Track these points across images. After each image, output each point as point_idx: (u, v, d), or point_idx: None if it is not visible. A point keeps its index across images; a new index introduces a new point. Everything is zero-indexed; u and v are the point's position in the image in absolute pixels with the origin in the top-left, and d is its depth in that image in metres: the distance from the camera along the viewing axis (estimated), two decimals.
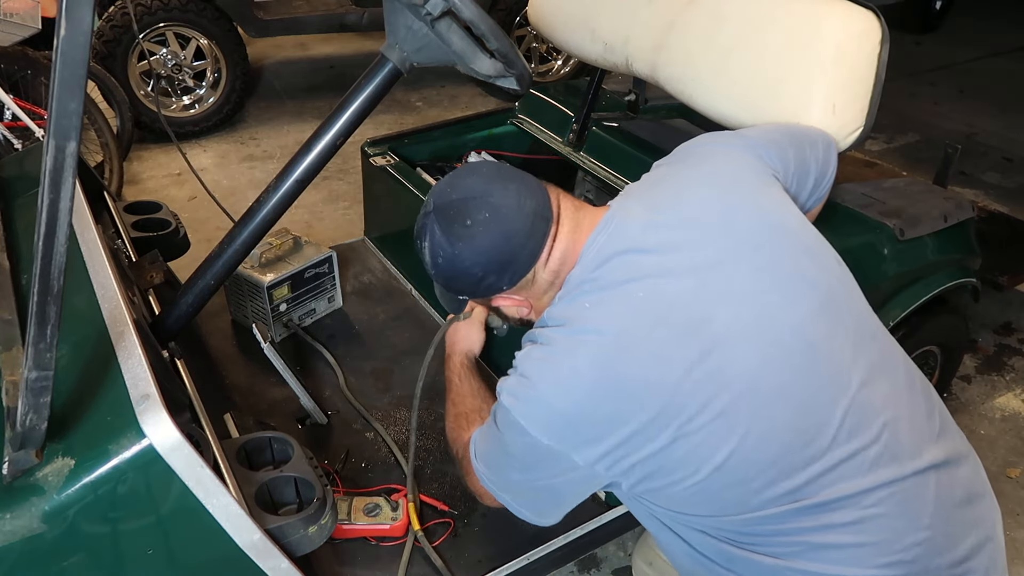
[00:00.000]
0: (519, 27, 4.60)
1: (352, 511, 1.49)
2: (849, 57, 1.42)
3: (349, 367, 1.94)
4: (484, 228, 1.08)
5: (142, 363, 1.04)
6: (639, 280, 1.04)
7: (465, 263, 1.10)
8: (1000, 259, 2.42)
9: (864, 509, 1.00)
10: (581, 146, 2.22)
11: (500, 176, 1.13)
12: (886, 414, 1.03)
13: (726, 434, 0.98)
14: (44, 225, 0.84)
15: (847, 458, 1.00)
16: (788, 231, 1.12)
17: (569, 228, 1.12)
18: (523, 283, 1.13)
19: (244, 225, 1.40)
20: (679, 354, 0.99)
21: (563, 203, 1.14)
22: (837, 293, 1.10)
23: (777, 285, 1.05)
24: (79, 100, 0.81)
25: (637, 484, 1.05)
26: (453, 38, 1.26)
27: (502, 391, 1.09)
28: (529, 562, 1.49)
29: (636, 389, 1.00)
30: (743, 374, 0.99)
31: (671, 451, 1.00)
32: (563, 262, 1.11)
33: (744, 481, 1.00)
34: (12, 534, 0.95)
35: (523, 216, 1.09)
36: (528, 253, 1.09)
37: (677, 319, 1.01)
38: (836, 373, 1.03)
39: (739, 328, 1.01)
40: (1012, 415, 2.53)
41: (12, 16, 3.04)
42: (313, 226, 3.41)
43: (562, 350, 1.05)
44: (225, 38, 4.00)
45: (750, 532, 1.04)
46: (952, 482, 1.07)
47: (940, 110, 4.85)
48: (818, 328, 1.04)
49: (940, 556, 1.03)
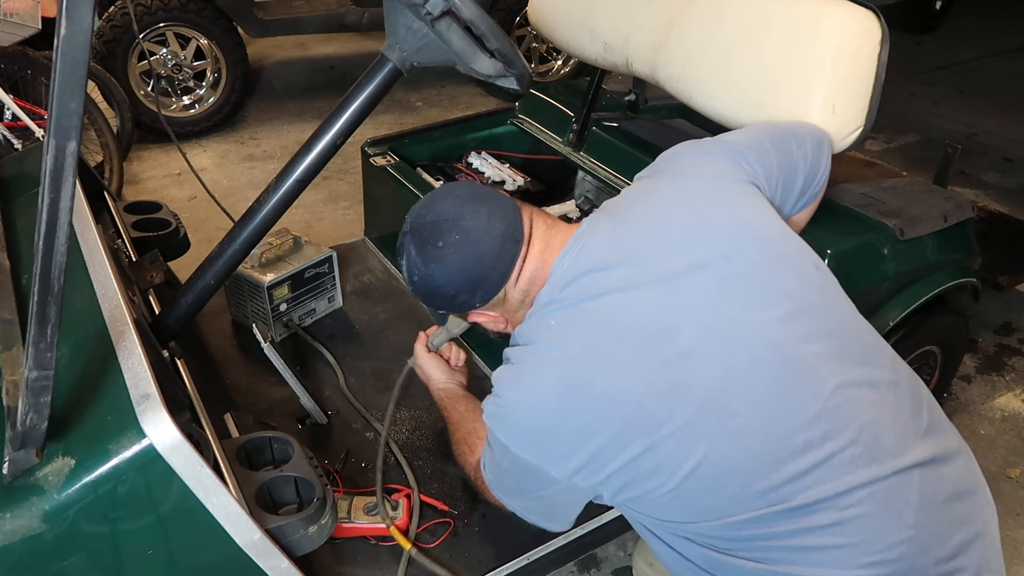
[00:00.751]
0: (519, 27, 4.60)
1: (352, 510, 1.49)
2: (849, 57, 1.42)
3: (349, 367, 1.94)
4: (455, 250, 1.12)
5: (142, 363, 1.04)
6: (603, 296, 1.06)
7: (438, 282, 1.14)
8: (1000, 259, 2.43)
9: (842, 511, 1.00)
10: (581, 146, 2.22)
11: (473, 198, 1.16)
12: (864, 416, 1.03)
13: (694, 442, 1.00)
14: (44, 224, 0.84)
15: (822, 461, 1.00)
16: (763, 240, 1.12)
17: (539, 248, 1.15)
18: (495, 301, 1.17)
19: (244, 225, 1.40)
20: (643, 366, 1.01)
21: (536, 223, 1.17)
22: (814, 300, 1.10)
23: (746, 294, 1.06)
24: (79, 99, 0.81)
25: (617, 494, 1.08)
26: (453, 38, 1.26)
27: (484, 411, 1.13)
28: (529, 562, 1.49)
29: (602, 402, 1.02)
30: (708, 384, 1.01)
31: (642, 461, 1.01)
32: (532, 282, 1.15)
33: (717, 488, 1.01)
34: (12, 534, 0.95)
35: (492, 239, 1.12)
36: (498, 274, 1.13)
37: (640, 332, 1.03)
38: (808, 379, 1.03)
39: (704, 338, 1.02)
40: (1012, 415, 2.53)
41: (12, 16, 3.05)
42: (313, 226, 3.41)
43: (529, 369, 1.08)
44: (225, 38, 4.00)
45: (730, 537, 1.04)
46: (939, 479, 1.06)
47: (940, 110, 4.85)
48: (789, 335, 1.04)
49: (926, 554, 1.02)
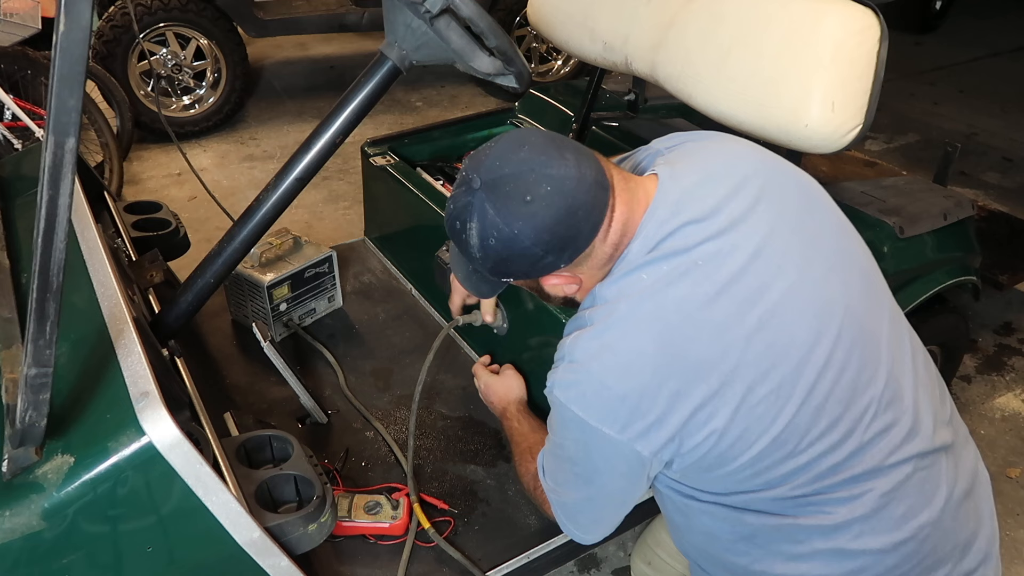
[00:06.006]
0: (519, 27, 4.60)
1: (353, 509, 1.49)
2: (848, 55, 1.42)
3: (349, 367, 1.94)
4: (547, 203, 0.98)
5: (142, 361, 1.04)
6: (698, 248, 1.00)
7: (524, 243, 1.00)
8: (1000, 258, 2.43)
9: (891, 481, 1.01)
10: None
11: (553, 144, 1.03)
12: (912, 390, 1.05)
13: (784, 404, 0.98)
14: (43, 221, 0.83)
15: (882, 431, 1.01)
16: (823, 206, 1.12)
17: (625, 198, 1.05)
18: (581, 258, 1.05)
19: (243, 224, 1.40)
20: (740, 323, 0.97)
21: (613, 170, 1.07)
22: (870, 271, 1.12)
23: (825, 257, 1.06)
24: (78, 96, 0.81)
25: (693, 463, 1.02)
26: (452, 36, 1.26)
27: (552, 386, 1.03)
28: (529, 561, 1.49)
29: (698, 363, 0.97)
30: (800, 345, 0.99)
31: (733, 425, 0.98)
32: (623, 233, 1.04)
33: (795, 454, 0.99)
34: (11, 532, 0.95)
35: (586, 186, 1.00)
36: (590, 227, 1.01)
37: (737, 288, 0.98)
38: (876, 347, 1.04)
39: (793, 299, 1.00)
40: (1012, 415, 2.53)
41: (12, 16, 3.05)
42: (313, 226, 3.41)
43: (617, 328, 0.99)
44: (225, 38, 4.00)
45: (787, 503, 1.03)
46: (958, 466, 1.09)
47: (940, 110, 4.85)
48: (861, 303, 1.05)
49: (947, 540, 1.05)
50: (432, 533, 1.47)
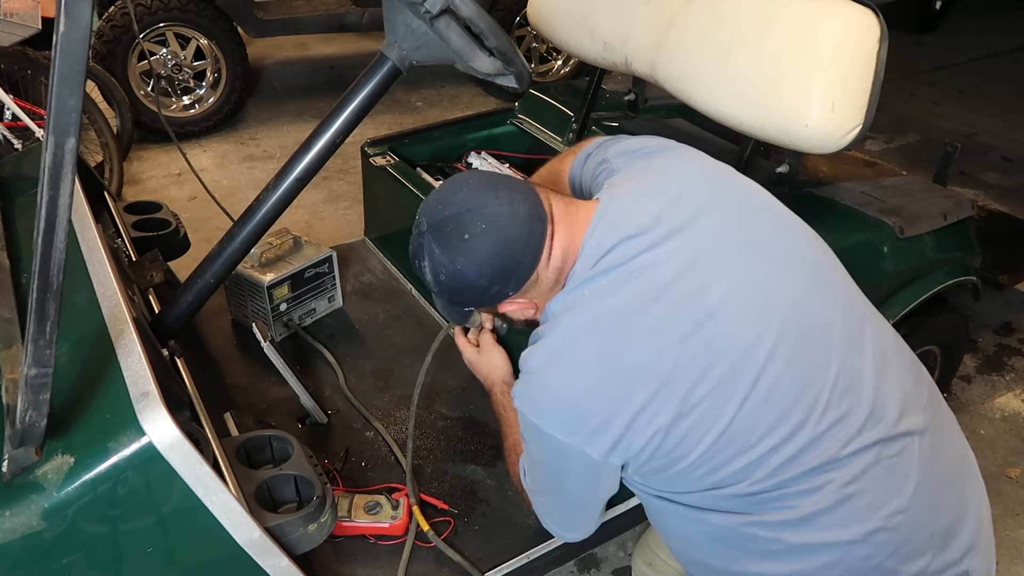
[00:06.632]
0: (519, 27, 4.60)
1: (353, 508, 1.49)
2: (848, 55, 1.42)
3: (349, 367, 1.94)
4: (483, 240, 1.08)
5: (142, 361, 1.04)
6: (635, 260, 1.06)
7: (469, 277, 1.10)
8: (1000, 258, 2.43)
9: (853, 471, 1.01)
10: None
11: (488, 185, 1.13)
12: (873, 378, 1.05)
13: (726, 401, 1.00)
14: (43, 221, 0.83)
15: (837, 421, 1.02)
16: (767, 208, 1.16)
17: (565, 224, 1.13)
18: (528, 285, 1.14)
19: (244, 224, 1.40)
20: (675, 327, 1.02)
21: (554, 201, 1.15)
22: (823, 264, 1.14)
23: (767, 256, 1.09)
24: (78, 96, 0.81)
25: (644, 464, 1.06)
26: (452, 36, 1.26)
27: (515, 397, 1.11)
28: (528, 561, 1.49)
29: (637, 367, 1.02)
30: (739, 341, 1.02)
31: (677, 425, 1.01)
32: (565, 259, 1.12)
33: (746, 449, 1.01)
34: (11, 532, 0.95)
35: (519, 221, 1.09)
36: (530, 256, 1.10)
37: (673, 294, 1.03)
38: (826, 339, 1.05)
39: (732, 299, 1.03)
40: (1012, 415, 2.53)
41: (12, 16, 3.05)
42: (313, 226, 3.41)
43: (561, 339, 1.07)
44: (225, 38, 4.00)
45: (747, 500, 1.04)
46: (935, 453, 1.09)
47: (940, 110, 4.85)
48: (809, 297, 1.07)
49: (923, 529, 1.04)
50: (431, 534, 1.47)
